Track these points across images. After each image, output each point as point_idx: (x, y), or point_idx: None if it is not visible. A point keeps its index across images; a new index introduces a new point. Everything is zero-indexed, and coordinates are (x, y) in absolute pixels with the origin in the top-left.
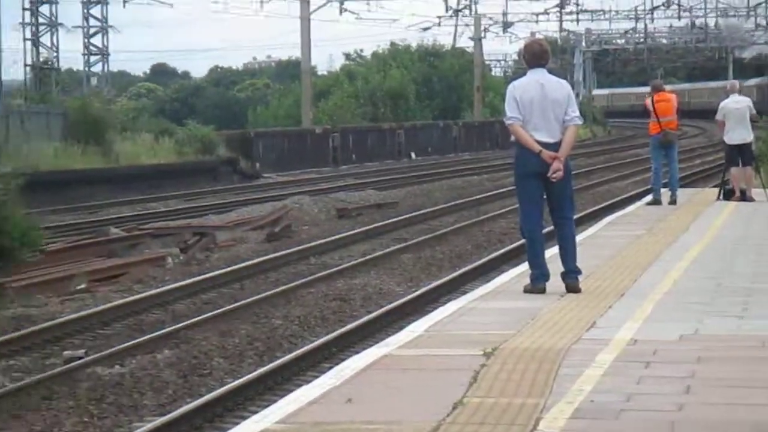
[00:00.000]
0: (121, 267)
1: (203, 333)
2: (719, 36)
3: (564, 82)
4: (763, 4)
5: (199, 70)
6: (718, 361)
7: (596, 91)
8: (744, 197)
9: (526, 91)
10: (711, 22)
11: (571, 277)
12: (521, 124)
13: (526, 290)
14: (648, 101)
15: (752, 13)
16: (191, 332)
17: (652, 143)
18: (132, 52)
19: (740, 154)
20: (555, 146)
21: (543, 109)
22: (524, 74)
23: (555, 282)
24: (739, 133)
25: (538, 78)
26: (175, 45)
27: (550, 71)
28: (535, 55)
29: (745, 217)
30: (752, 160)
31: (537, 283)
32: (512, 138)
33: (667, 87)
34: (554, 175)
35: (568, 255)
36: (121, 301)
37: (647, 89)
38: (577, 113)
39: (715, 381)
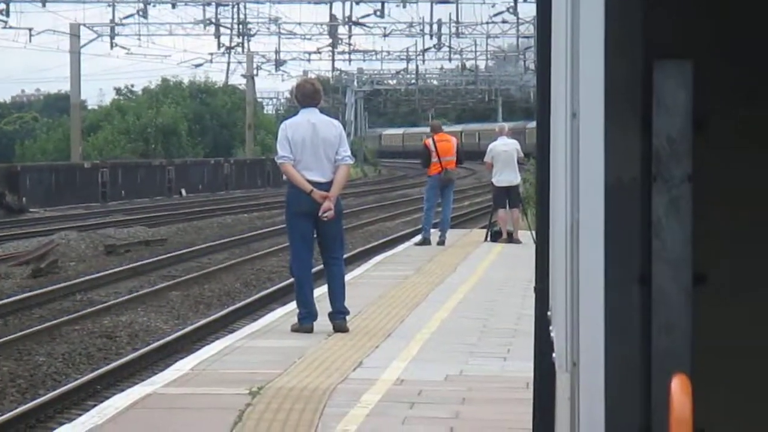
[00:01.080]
0: None
1: None
2: (489, 78)
3: (336, 121)
4: (532, 48)
5: None
6: (482, 402)
7: (389, 131)
8: (511, 239)
9: (298, 130)
10: (481, 65)
11: (338, 317)
12: (293, 164)
13: (294, 329)
14: (429, 142)
15: (521, 56)
16: None
17: (430, 183)
18: None
19: (508, 195)
20: (326, 186)
21: (315, 148)
22: (297, 113)
23: (323, 321)
24: (507, 175)
25: (309, 117)
26: None
27: (322, 111)
28: (306, 95)
29: (512, 259)
30: (519, 202)
31: (305, 323)
32: (284, 177)
33: (458, 127)
34: (325, 215)
35: (336, 294)
36: None
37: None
38: (348, 153)
39: (478, 422)
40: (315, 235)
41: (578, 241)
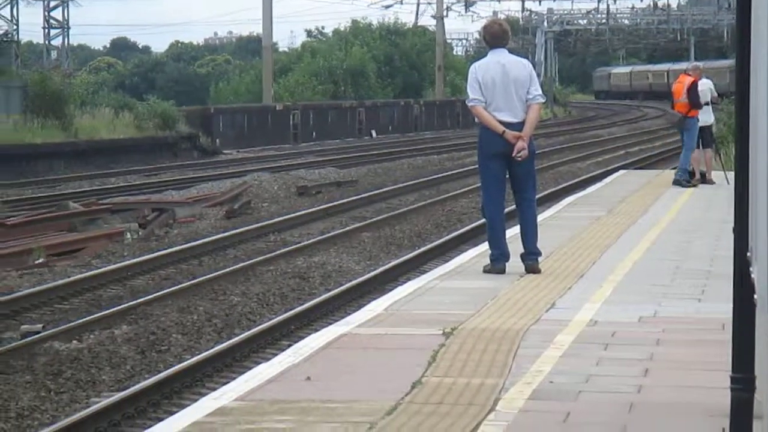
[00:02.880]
0: (80, 242)
1: (161, 309)
2: (681, 17)
3: (525, 61)
4: None
5: (159, 44)
6: (677, 344)
7: (617, 69)
8: (704, 180)
9: (488, 71)
10: (673, 3)
11: (531, 258)
12: (484, 106)
13: (486, 270)
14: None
15: None
16: (149, 308)
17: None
18: (92, 25)
19: (701, 136)
20: (518, 126)
21: (505, 88)
22: (485, 54)
23: (515, 262)
24: (701, 115)
25: (499, 58)
26: (136, 19)
27: (511, 51)
28: (495, 36)
29: (705, 200)
30: (712, 143)
31: (497, 264)
32: (476, 119)
33: (682, 65)
34: (519, 155)
35: (528, 236)
36: (79, 276)
37: (665, 67)
38: (540, 91)
39: (673, 363)
40: (507, 176)
41: None
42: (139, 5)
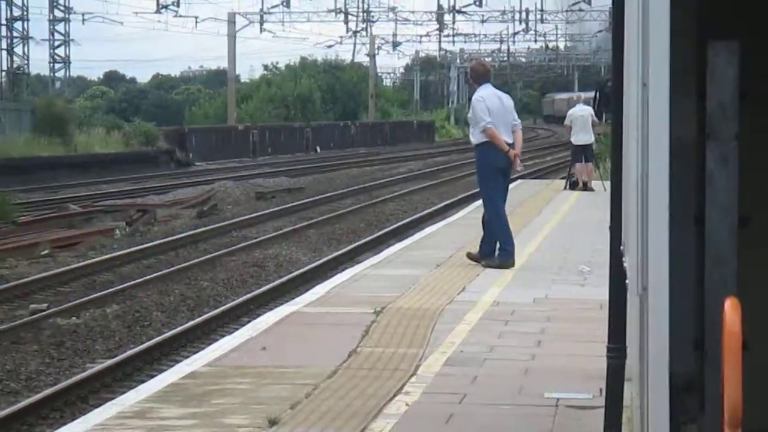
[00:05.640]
0: (78, 236)
1: (145, 291)
2: (567, 56)
3: (508, 95)
4: (603, 32)
5: (143, 76)
6: (564, 320)
7: (559, 95)
8: (585, 188)
9: (492, 101)
10: (561, 45)
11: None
12: (494, 128)
13: (492, 265)
14: None
15: (594, 37)
16: (135, 291)
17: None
18: (89, 60)
19: (583, 152)
20: (511, 146)
21: (503, 115)
22: (476, 89)
23: (434, 254)
24: (583, 136)
25: (494, 92)
26: (125, 55)
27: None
28: (480, 75)
29: (587, 204)
30: (593, 158)
31: (509, 258)
32: (476, 139)
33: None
34: (518, 168)
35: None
36: (77, 264)
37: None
38: (519, 119)
39: (561, 336)
40: None
41: (647, 188)
42: (128, 44)
